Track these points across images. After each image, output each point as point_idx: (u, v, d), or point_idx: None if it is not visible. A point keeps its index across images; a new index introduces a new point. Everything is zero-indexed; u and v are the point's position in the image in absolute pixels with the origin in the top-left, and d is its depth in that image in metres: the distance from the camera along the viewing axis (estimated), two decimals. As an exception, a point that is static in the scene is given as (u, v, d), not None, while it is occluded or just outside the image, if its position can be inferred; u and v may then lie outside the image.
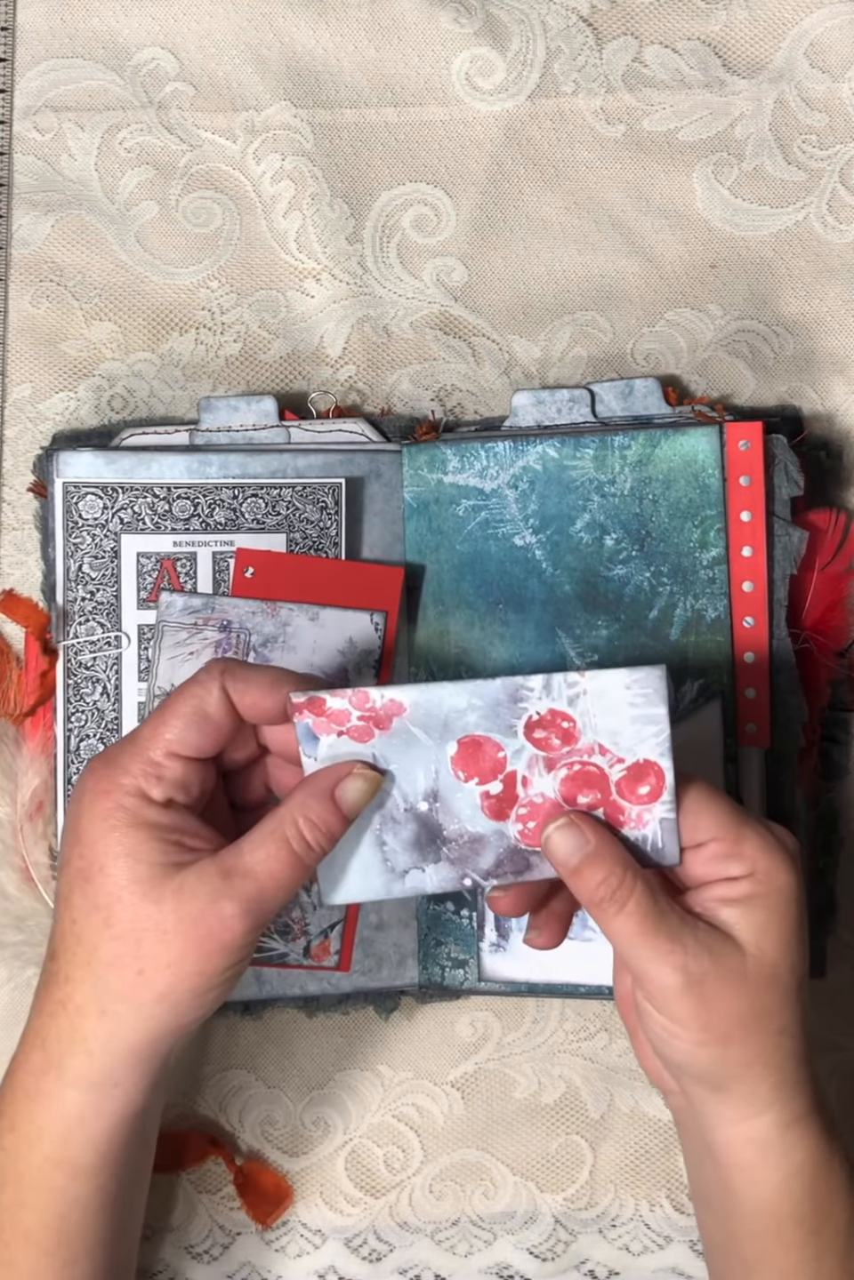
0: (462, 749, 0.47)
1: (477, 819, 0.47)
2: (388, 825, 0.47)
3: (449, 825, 0.47)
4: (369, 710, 0.47)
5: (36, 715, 0.61)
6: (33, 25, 0.64)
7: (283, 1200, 0.62)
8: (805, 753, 0.60)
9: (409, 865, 0.47)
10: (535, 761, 0.47)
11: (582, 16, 0.64)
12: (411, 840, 0.47)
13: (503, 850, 0.47)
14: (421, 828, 0.47)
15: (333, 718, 0.47)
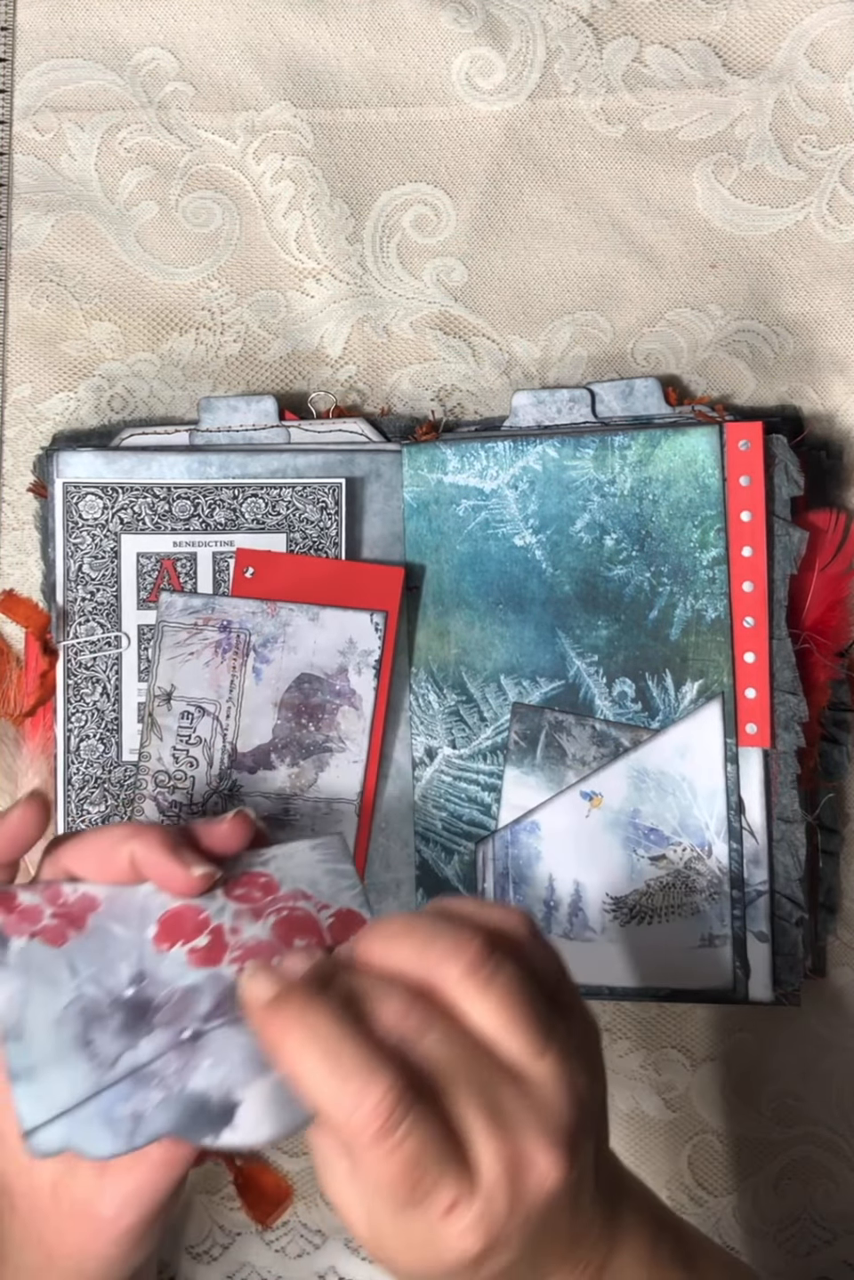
0: (162, 926, 0.45)
1: (186, 974, 0.44)
2: (94, 1024, 0.43)
3: (159, 994, 0.44)
4: (62, 906, 0.45)
5: (36, 715, 0.61)
6: (33, 25, 0.64)
7: (283, 1200, 0.62)
8: (805, 753, 0.60)
9: (120, 1050, 0.43)
10: (241, 914, 0.45)
11: (582, 16, 0.64)
12: (120, 1027, 0.43)
13: (221, 991, 0.43)
14: (130, 1011, 0.44)
15: (24, 915, 0.45)
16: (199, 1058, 0.42)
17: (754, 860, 0.59)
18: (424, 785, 0.61)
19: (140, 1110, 0.41)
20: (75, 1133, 0.41)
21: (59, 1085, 0.42)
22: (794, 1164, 0.63)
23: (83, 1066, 0.42)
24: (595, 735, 0.60)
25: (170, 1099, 0.41)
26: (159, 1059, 0.42)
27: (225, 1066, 0.41)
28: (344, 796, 0.60)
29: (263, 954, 0.44)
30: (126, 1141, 0.41)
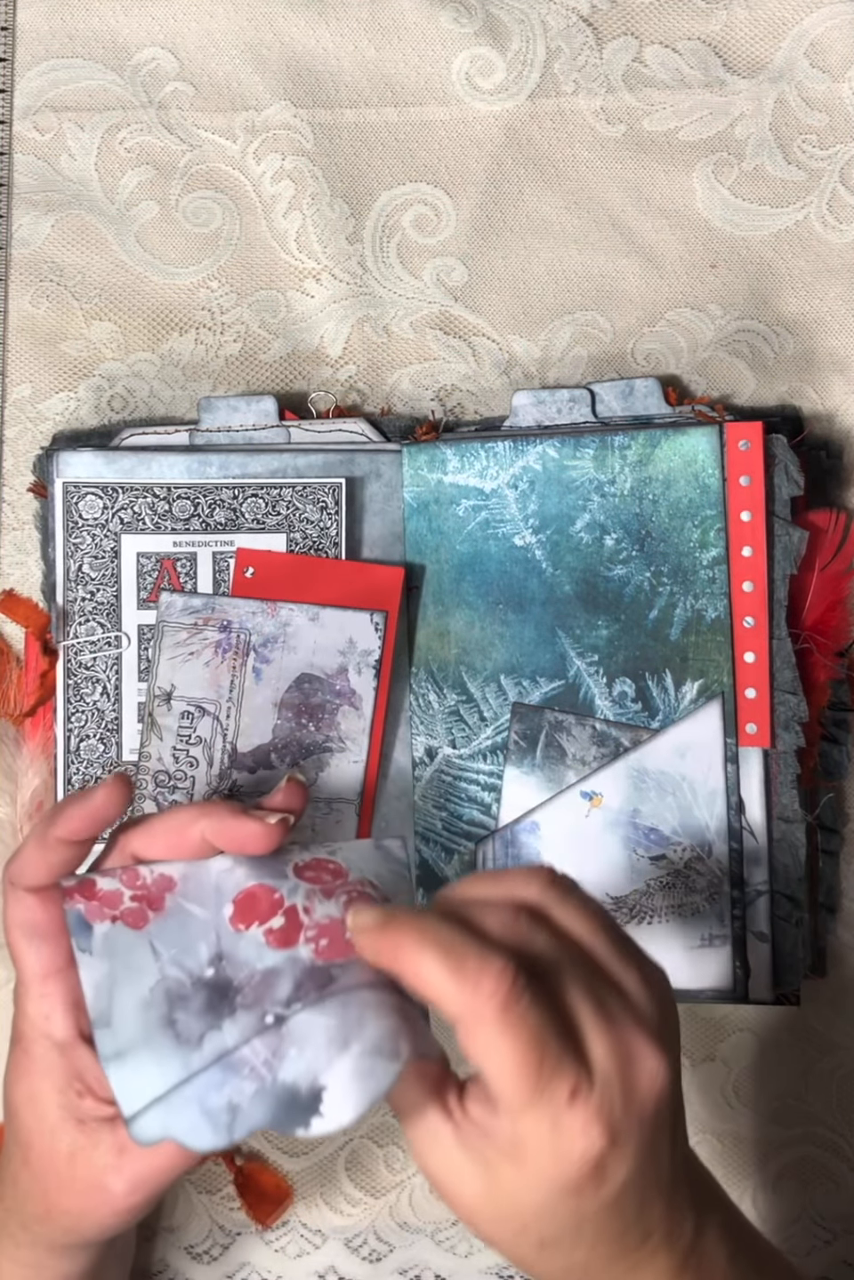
0: (237, 907, 0.46)
1: (264, 955, 0.45)
2: (177, 1005, 0.44)
3: (239, 975, 0.45)
4: (141, 888, 0.46)
5: (36, 715, 0.61)
6: (33, 25, 0.64)
7: (283, 1200, 0.62)
8: (805, 753, 0.60)
9: (204, 1029, 0.43)
10: (313, 894, 0.46)
11: (582, 16, 0.64)
12: (203, 1006, 0.44)
13: (299, 973, 0.44)
14: (211, 991, 0.44)
15: (104, 900, 0.45)
16: (285, 1045, 0.42)
17: (754, 860, 0.59)
18: (424, 785, 0.61)
19: (236, 1101, 0.42)
20: (173, 1121, 0.42)
21: (149, 1068, 0.43)
22: (794, 1164, 0.63)
23: (169, 1047, 0.43)
24: (595, 735, 0.60)
25: (264, 1090, 0.42)
26: (245, 1045, 0.43)
27: (309, 1051, 0.42)
28: (344, 796, 0.60)
29: (337, 931, 0.45)
30: (226, 1134, 0.41)
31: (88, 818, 0.46)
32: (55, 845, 0.46)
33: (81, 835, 0.46)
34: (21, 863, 0.46)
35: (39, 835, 0.46)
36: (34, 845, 0.46)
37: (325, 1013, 0.43)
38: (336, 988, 0.43)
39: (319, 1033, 0.42)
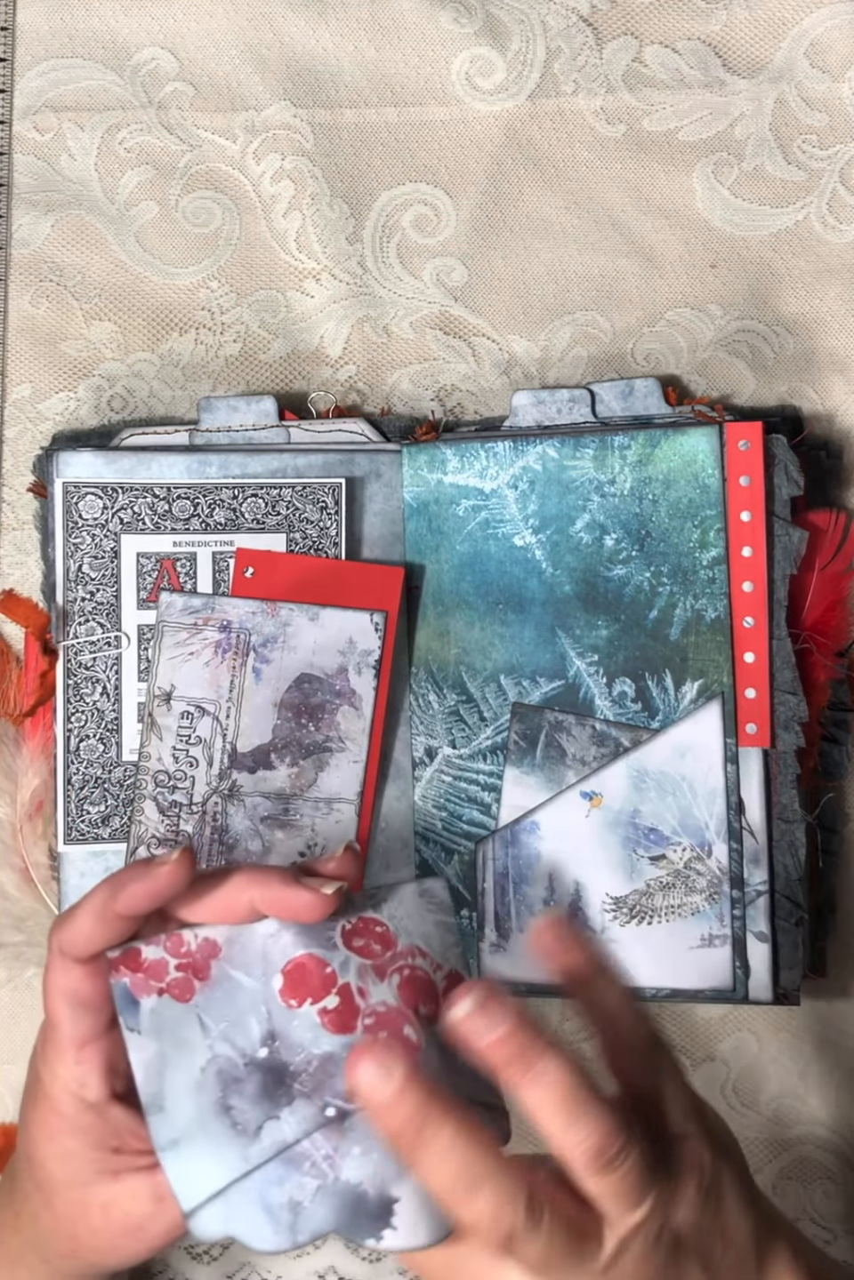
0: (288, 978, 0.44)
1: (320, 1038, 0.42)
2: (231, 1088, 0.42)
3: (294, 1058, 0.42)
4: (186, 955, 0.44)
5: (36, 715, 0.61)
6: (33, 25, 0.64)
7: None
8: (805, 753, 0.60)
9: (262, 1119, 0.42)
10: (365, 971, 0.44)
11: (582, 16, 0.64)
12: (258, 1092, 0.42)
13: None
14: (266, 1075, 0.42)
15: (150, 972, 0.44)
16: (348, 1143, 0.41)
17: (754, 860, 0.59)
18: (424, 785, 0.61)
19: (297, 1199, 0.41)
20: (235, 1219, 0.41)
21: (206, 1159, 0.41)
22: (794, 1164, 0.63)
23: (227, 1136, 0.42)
24: (595, 735, 0.60)
25: (326, 1189, 0.41)
26: (306, 1139, 0.41)
27: (376, 1155, 0.41)
28: (344, 796, 0.60)
29: (393, 1023, 0.43)
30: (289, 1236, 0.41)
31: (152, 895, 0.44)
32: (113, 919, 0.44)
33: (144, 911, 0.44)
34: (74, 934, 0.44)
35: (96, 907, 0.44)
36: (90, 917, 0.44)
37: None
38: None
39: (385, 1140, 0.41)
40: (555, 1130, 0.40)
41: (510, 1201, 0.40)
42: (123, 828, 0.60)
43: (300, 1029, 0.43)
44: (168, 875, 0.44)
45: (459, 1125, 0.40)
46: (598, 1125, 0.40)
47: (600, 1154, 0.40)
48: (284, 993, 0.43)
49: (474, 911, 0.60)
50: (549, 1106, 0.40)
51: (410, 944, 0.45)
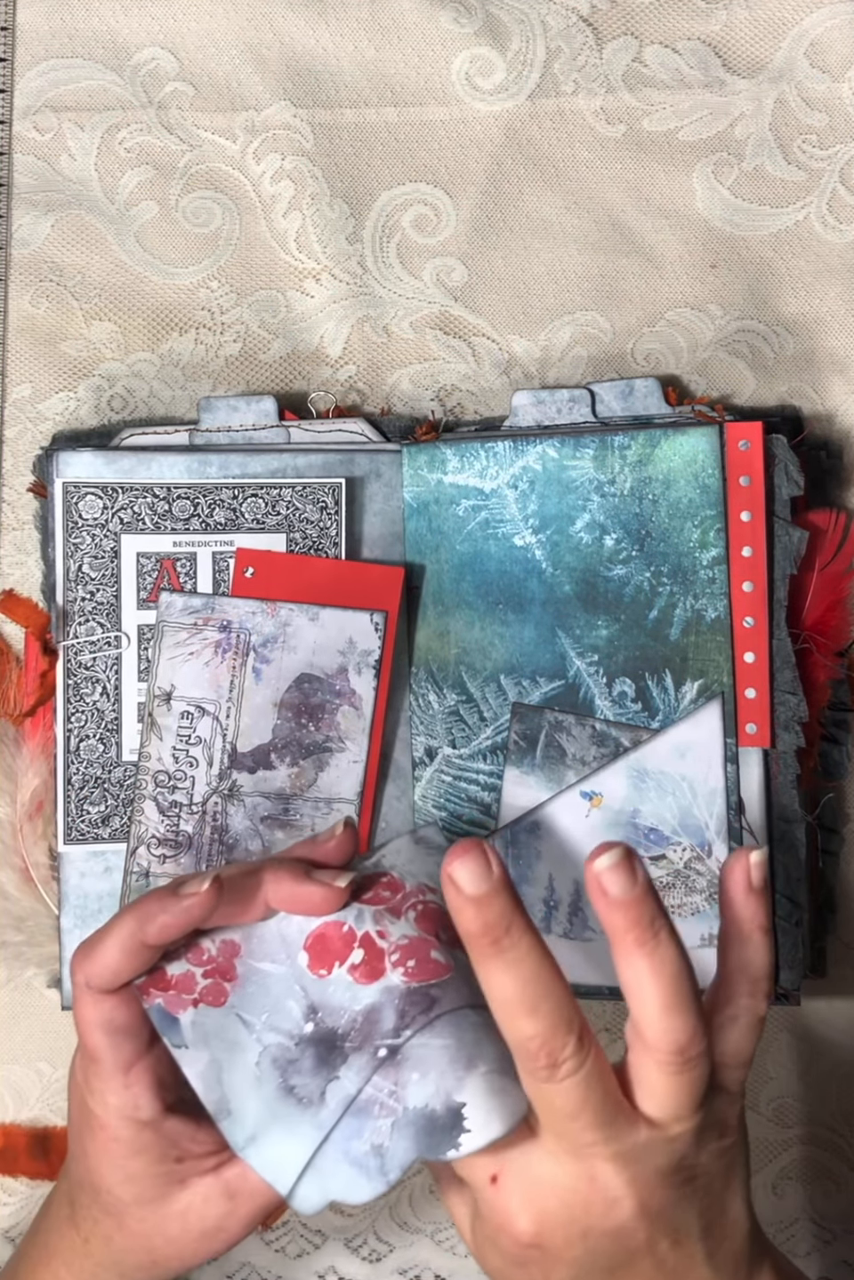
0: (311, 952, 0.44)
1: (357, 994, 0.43)
2: (288, 1070, 0.43)
3: (339, 1021, 0.43)
4: (209, 962, 0.45)
5: (36, 715, 0.61)
6: (33, 25, 0.64)
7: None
8: (805, 753, 0.60)
9: (324, 1085, 0.43)
10: (381, 915, 0.45)
11: (582, 16, 0.64)
12: (315, 1063, 0.43)
13: (398, 1000, 0.43)
14: (317, 1046, 0.43)
15: (180, 987, 0.44)
16: (405, 1074, 0.42)
17: (754, 860, 0.59)
18: (424, 785, 0.61)
19: (378, 1143, 0.41)
20: (329, 1183, 0.42)
21: (285, 1142, 0.42)
22: (794, 1164, 0.63)
23: (296, 1114, 0.42)
24: (595, 735, 0.60)
25: (400, 1122, 0.41)
26: (367, 1085, 0.42)
27: (433, 1074, 0.41)
28: (344, 796, 0.60)
29: (421, 950, 0.44)
30: (382, 1179, 0.41)
31: (184, 926, 0.44)
32: (141, 950, 0.44)
33: (174, 940, 0.44)
34: (101, 967, 0.44)
35: (123, 939, 0.44)
36: (116, 949, 0.44)
37: (439, 1035, 0.42)
38: (441, 1009, 0.43)
39: (438, 1054, 0.42)
40: (651, 1008, 0.40)
41: (566, 1026, 0.40)
42: (123, 828, 0.60)
43: (337, 993, 0.44)
44: (200, 906, 0.44)
45: (536, 938, 0.41)
46: (691, 1022, 0.40)
47: (683, 1051, 0.40)
48: (312, 966, 0.44)
49: (474, 911, 0.60)
50: (656, 984, 0.40)
51: (417, 883, 0.46)
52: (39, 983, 0.62)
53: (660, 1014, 0.40)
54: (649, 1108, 0.41)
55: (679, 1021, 0.40)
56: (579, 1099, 0.40)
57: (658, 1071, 0.41)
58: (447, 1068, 0.41)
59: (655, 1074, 0.41)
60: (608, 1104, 0.41)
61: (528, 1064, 0.40)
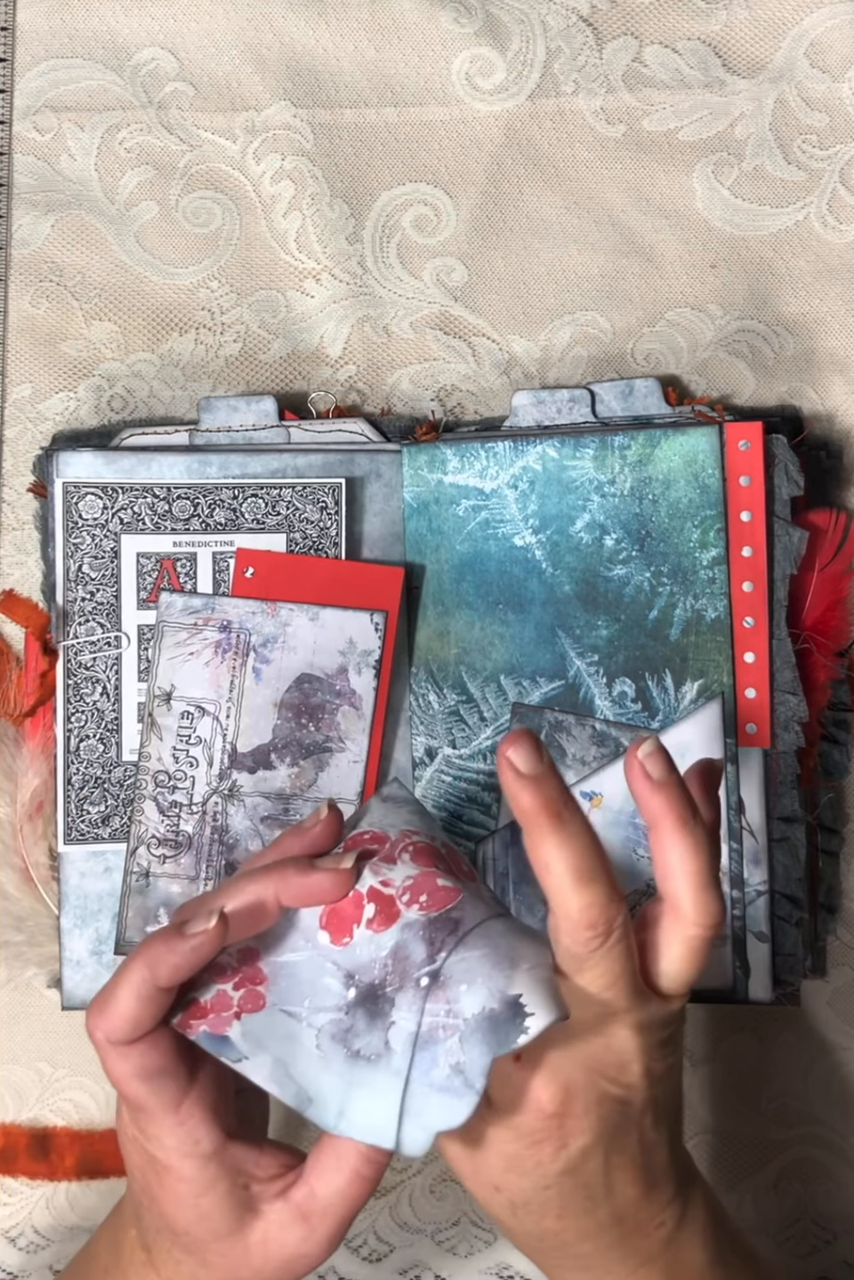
0: (329, 928, 0.45)
1: (381, 942, 0.44)
2: (347, 1037, 0.43)
3: (374, 975, 0.44)
4: (234, 974, 0.44)
5: (36, 715, 0.61)
6: (33, 25, 0.64)
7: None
8: (805, 753, 0.60)
9: (382, 1034, 0.43)
10: (377, 867, 0.45)
11: (582, 16, 0.64)
12: (368, 1021, 0.43)
13: (422, 930, 0.44)
14: (365, 1005, 0.44)
15: (217, 1008, 0.44)
16: (453, 991, 0.42)
17: (754, 860, 0.59)
18: (424, 785, 0.61)
19: (454, 1060, 0.42)
20: (427, 1120, 0.42)
21: (371, 1102, 0.42)
22: (794, 1164, 0.63)
23: (371, 1072, 0.43)
24: (595, 735, 0.60)
25: (466, 1034, 0.42)
26: (423, 1016, 0.43)
27: (480, 980, 0.42)
28: (344, 796, 0.60)
29: (429, 884, 0.45)
30: (471, 1094, 0.41)
31: (192, 964, 0.43)
32: (156, 995, 0.43)
33: (185, 978, 0.44)
34: (119, 1020, 0.43)
35: (136, 989, 0.43)
36: (130, 999, 0.43)
37: (473, 947, 0.43)
38: (466, 926, 0.44)
39: (479, 963, 0.43)
40: (692, 885, 0.43)
41: (618, 896, 0.43)
42: (123, 828, 0.60)
43: (363, 952, 0.44)
44: (209, 944, 0.43)
45: (586, 819, 0.43)
46: (722, 899, 0.44)
47: (718, 925, 0.43)
48: (334, 941, 0.45)
49: (474, 911, 0.60)
50: (696, 862, 0.43)
51: (399, 831, 0.47)
52: (39, 983, 0.62)
53: (699, 890, 0.43)
54: (664, 981, 0.44)
55: (714, 896, 0.43)
56: (618, 969, 0.42)
57: (684, 946, 0.44)
58: (491, 970, 0.42)
59: (681, 948, 0.44)
60: (636, 976, 0.43)
61: (581, 933, 0.42)
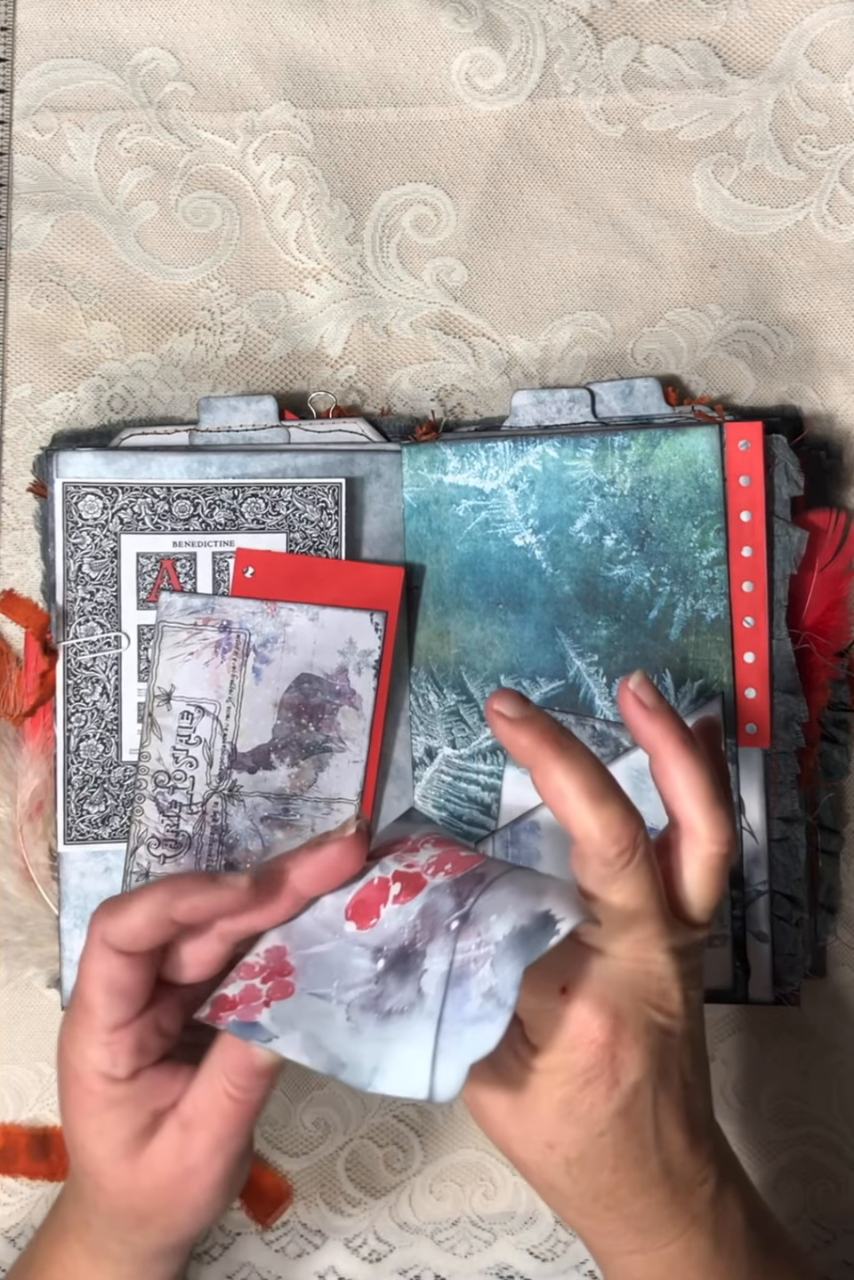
0: (355, 918, 0.45)
1: (409, 911, 0.44)
2: (380, 1001, 0.43)
3: (403, 940, 0.44)
4: (262, 970, 0.45)
5: (36, 715, 0.61)
6: (33, 25, 0.64)
7: (283, 1200, 0.62)
8: (805, 753, 0.60)
9: (414, 985, 0.42)
10: (401, 856, 0.46)
11: (582, 16, 0.64)
12: (399, 981, 0.43)
13: (451, 887, 0.44)
14: (395, 969, 0.43)
15: (245, 999, 0.44)
16: (484, 924, 0.42)
17: (754, 860, 0.59)
18: (424, 785, 0.61)
19: (485, 987, 0.40)
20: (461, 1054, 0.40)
21: (405, 1052, 0.41)
22: (794, 1164, 0.63)
23: (403, 1024, 0.41)
24: (595, 735, 0.60)
25: (498, 957, 0.40)
26: (455, 954, 0.42)
27: (510, 906, 0.42)
28: (344, 796, 0.60)
29: (452, 857, 0.45)
30: (502, 1012, 0.40)
31: (215, 912, 0.45)
32: (166, 923, 0.44)
33: (200, 923, 0.45)
34: (124, 928, 0.44)
35: (152, 908, 0.44)
36: (143, 915, 0.44)
37: (501, 887, 0.43)
38: (492, 876, 0.43)
39: (507, 895, 0.42)
40: (702, 804, 0.44)
41: (636, 813, 0.43)
42: (123, 828, 0.60)
43: (391, 924, 0.44)
44: (234, 898, 0.44)
45: (585, 745, 0.44)
46: (732, 815, 0.44)
47: (731, 841, 0.44)
48: (360, 926, 0.45)
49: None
50: (702, 780, 0.44)
51: (420, 833, 0.47)
52: (39, 983, 0.62)
53: (710, 808, 0.44)
54: (687, 906, 0.44)
55: (724, 812, 0.44)
56: (647, 887, 0.43)
57: (702, 866, 0.44)
58: (520, 898, 0.42)
59: (701, 870, 0.44)
60: (664, 897, 0.43)
61: (608, 850, 0.42)
